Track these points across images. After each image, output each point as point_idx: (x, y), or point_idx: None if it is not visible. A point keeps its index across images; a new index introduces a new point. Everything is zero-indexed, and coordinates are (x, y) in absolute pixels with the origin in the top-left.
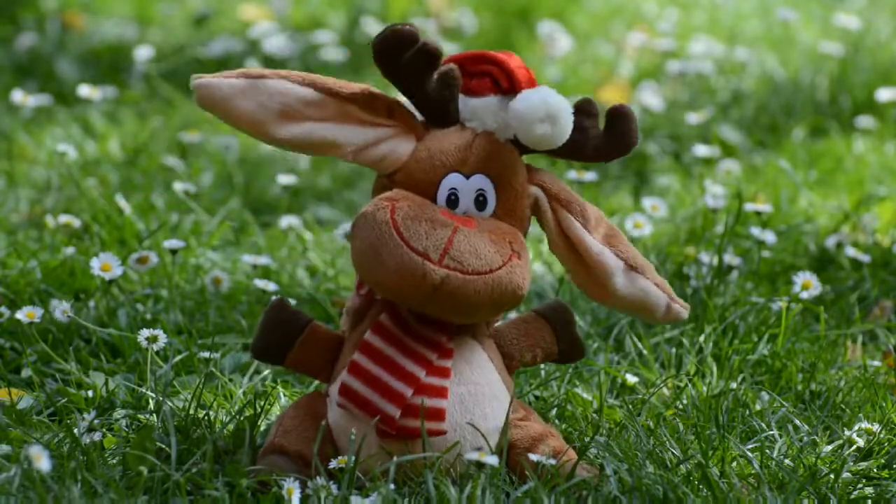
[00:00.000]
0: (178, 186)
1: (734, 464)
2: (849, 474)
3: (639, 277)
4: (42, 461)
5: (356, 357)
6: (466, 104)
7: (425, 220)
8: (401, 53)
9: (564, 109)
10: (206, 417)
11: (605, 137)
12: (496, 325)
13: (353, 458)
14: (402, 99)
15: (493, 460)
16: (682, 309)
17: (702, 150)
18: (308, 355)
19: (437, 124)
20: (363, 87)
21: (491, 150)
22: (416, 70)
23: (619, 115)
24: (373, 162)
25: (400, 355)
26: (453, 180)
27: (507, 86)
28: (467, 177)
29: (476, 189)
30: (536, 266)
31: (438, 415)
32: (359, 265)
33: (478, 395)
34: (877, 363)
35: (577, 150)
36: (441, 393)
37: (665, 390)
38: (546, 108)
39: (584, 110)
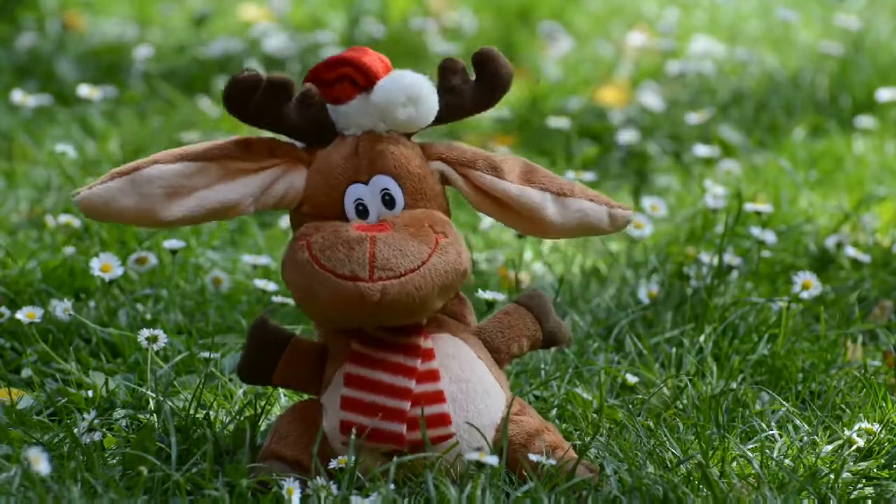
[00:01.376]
0: None
1: (734, 464)
2: (849, 474)
3: (570, 200)
4: (41, 464)
5: (345, 392)
6: (337, 113)
7: (340, 244)
8: (250, 98)
9: (423, 86)
10: (206, 417)
11: (478, 86)
12: (479, 323)
13: (353, 458)
14: (279, 136)
15: (493, 460)
16: (626, 211)
17: (702, 150)
18: (294, 370)
19: (319, 144)
20: (234, 139)
21: (378, 149)
22: (273, 106)
23: (483, 59)
24: (275, 203)
25: (385, 374)
26: (355, 191)
27: (366, 83)
28: (366, 182)
29: (380, 190)
30: (536, 266)
31: (443, 420)
32: (301, 307)
33: (469, 393)
34: (877, 363)
35: (456, 110)
36: (438, 398)
37: (665, 390)
38: (405, 91)
39: (447, 70)
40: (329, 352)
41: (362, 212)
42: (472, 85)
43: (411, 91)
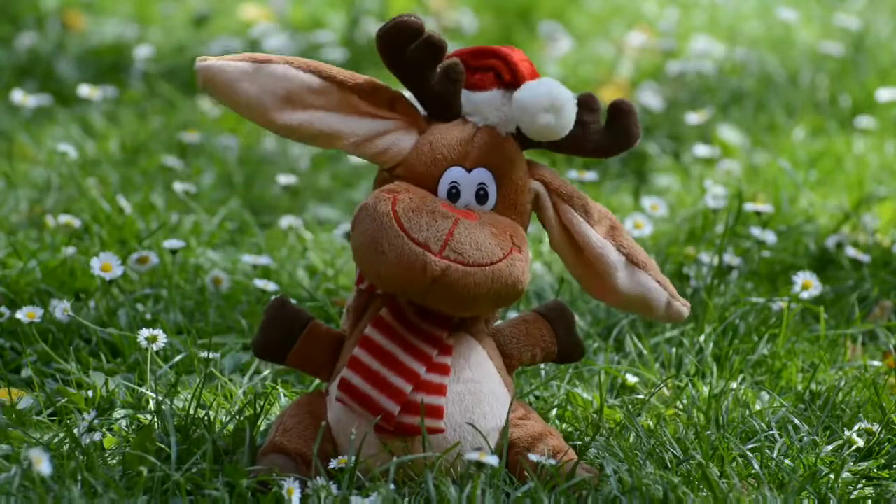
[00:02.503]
0: (178, 186)
1: (734, 464)
2: (849, 474)
3: (640, 273)
4: (42, 464)
5: (356, 352)
6: (469, 98)
7: (426, 212)
8: (405, 45)
9: (568, 100)
10: (206, 417)
11: (605, 133)
12: (496, 324)
13: (353, 458)
14: (406, 93)
15: (493, 460)
16: (683, 307)
17: (702, 150)
18: (309, 353)
19: (440, 118)
20: (367, 78)
21: (492, 145)
22: (420, 63)
23: (620, 111)
24: (374, 154)
25: (400, 351)
26: (455, 174)
27: (510, 79)
28: (469, 170)
29: (477, 183)
30: (536, 265)
31: (437, 412)
32: (359, 256)
33: (477, 394)
34: (877, 363)
35: (577, 145)
36: (440, 390)
37: (665, 390)
38: (550, 99)
39: (585, 105)
40: (346, 342)
41: (454, 195)
42: (600, 129)
43: (557, 100)
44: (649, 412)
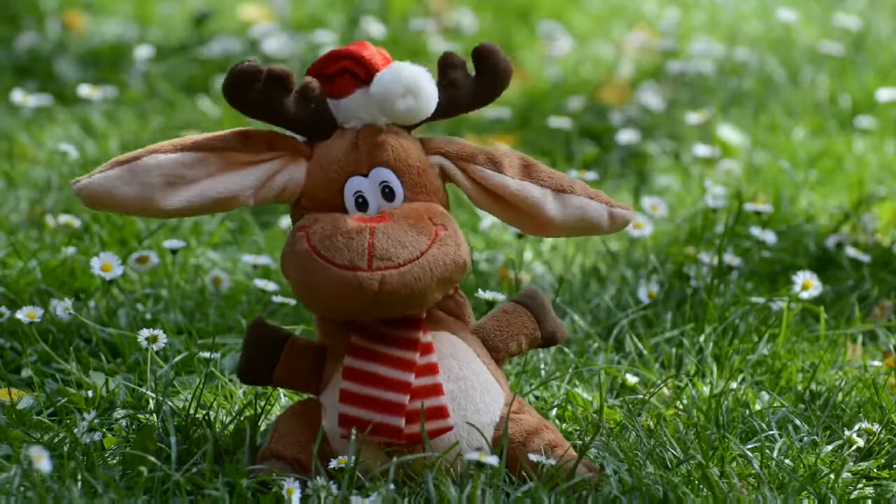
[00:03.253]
0: None
1: (734, 464)
2: (849, 474)
3: (570, 196)
4: (42, 462)
5: (344, 385)
6: (338, 107)
7: (339, 234)
8: (250, 89)
9: (422, 78)
10: (206, 417)
11: (478, 81)
12: (478, 321)
13: (353, 458)
14: (277, 128)
15: (492, 460)
16: (626, 210)
17: (702, 150)
18: (293, 370)
19: (318, 138)
20: (235, 131)
21: (377, 141)
22: (273, 98)
23: (483, 54)
24: (275, 197)
25: (383, 367)
26: (355, 184)
27: (366, 75)
28: (366, 175)
29: (379, 182)
30: (536, 266)
31: (441, 413)
32: (301, 300)
33: (468, 391)
34: (877, 363)
35: (455, 104)
36: (436, 391)
37: (665, 390)
38: (403, 83)
39: (446, 65)
40: (328, 351)
41: (362, 204)
42: (471, 80)
43: (410, 82)
44: (649, 412)
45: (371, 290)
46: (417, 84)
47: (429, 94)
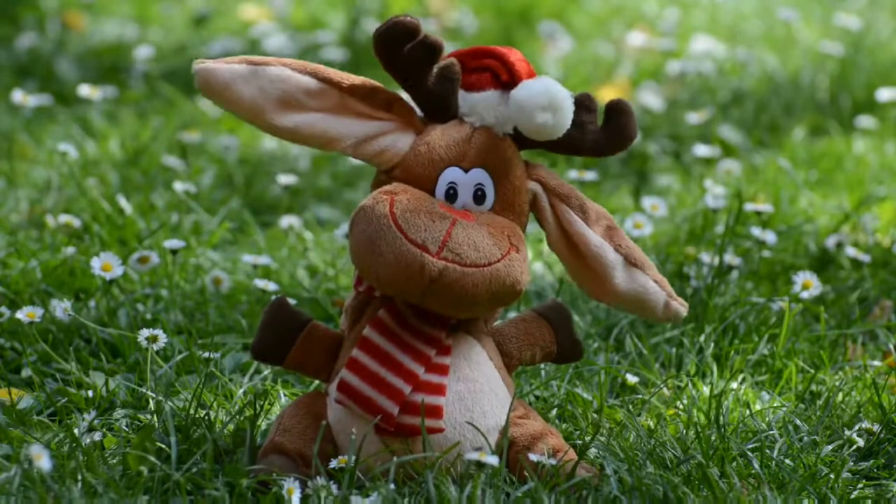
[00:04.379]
0: (178, 186)
1: (734, 464)
2: (849, 474)
3: (638, 273)
4: (42, 460)
5: (355, 353)
6: (465, 99)
7: (424, 213)
8: (402, 45)
9: (566, 99)
10: (206, 417)
11: (603, 132)
12: (495, 323)
13: (353, 457)
14: (403, 94)
15: (493, 460)
16: (681, 307)
17: (702, 150)
18: (308, 355)
19: (437, 119)
20: (363, 79)
21: (489, 145)
22: (417, 63)
23: (617, 110)
24: (372, 156)
25: (399, 351)
26: (452, 174)
27: (508, 79)
28: (466, 171)
29: (475, 183)
30: (536, 266)
31: (436, 412)
32: (357, 258)
33: (477, 393)
34: (877, 363)
35: (574, 144)
36: (439, 390)
37: (665, 390)
38: (548, 97)
39: (582, 104)
40: (346, 341)
41: (451, 196)
42: (597, 129)
43: (555, 99)
44: (649, 412)
45: (430, 276)
46: (561, 102)
47: (567, 116)
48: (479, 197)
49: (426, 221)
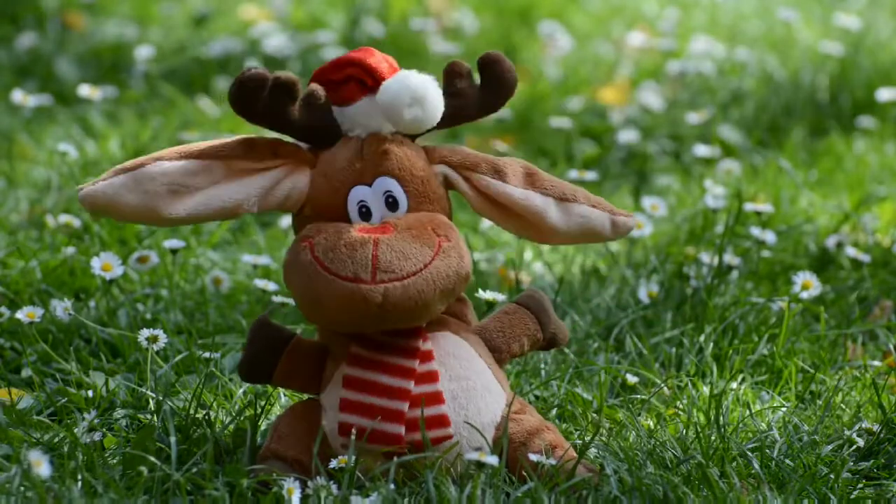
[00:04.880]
0: None
1: (734, 464)
2: (849, 474)
3: (573, 205)
4: (42, 467)
5: (344, 394)
6: (343, 114)
7: (343, 246)
8: (257, 97)
9: (429, 87)
10: (206, 417)
11: (483, 91)
12: (480, 322)
13: (353, 457)
14: (284, 136)
15: (492, 460)
16: (628, 218)
17: (702, 150)
18: (294, 369)
19: (323, 145)
20: (240, 138)
21: (382, 151)
22: (279, 106)
23: (488, 63)
24: (278, 205)
25: (383, 376)
26: (358, 193)
27: (373, 84)
28: (370, 184)
29: (383, 192)
30: (537, 266)
31: (442, 421)
32: (304, 310)
33: (470, 391)
34: (877, 363)
35: (462, 113)
36: (437, 399)
37: (665, 390)
38: (410, 92)
39: (452, 74)
40: (330, 351)
41: (365, 214)
42: (477, 88)
43: (417, 91)
44: (649, 412)
45: (375, 303)
46: (424, 93)
47: (435, 103)
48: (391, 204)
49: (349, 253)
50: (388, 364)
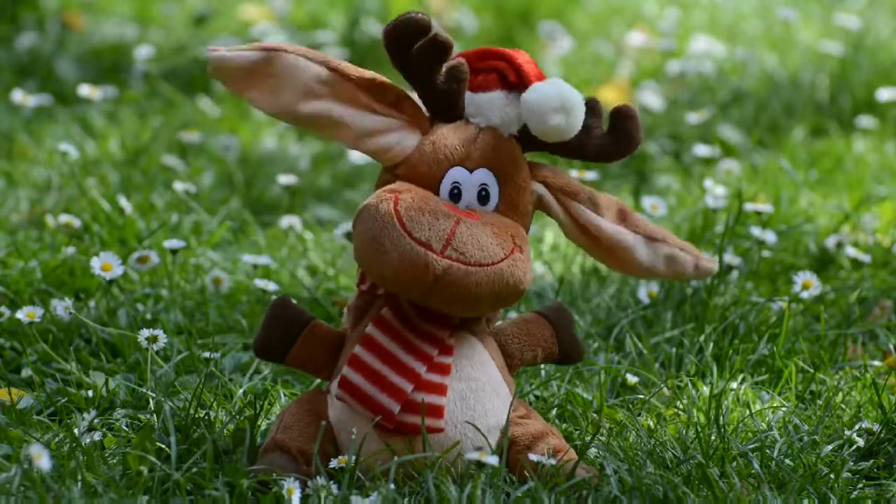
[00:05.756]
0: (179, 186)
1: (734, 464)
2: (849, 474)
3: (660, 246)
4: (42, 460)
5: (357, 350)
6: (472, 100)
7: (428, 211)
8: (412, 42)
9: (578, 101)
10: (206, 417)
11: (608, 138)
12: (497, 324)
13: (354, 457)
14: (411, 93)
15: (493, 460)
16: (711, 263)
17: (702, 150)
18: (310, 353)
19: (443, 118)
20: (374, 74)
21: (494, 146)
22: (426, 61)
23: (623, 116)
24: (376, 151)
25: (401, 350)
26: (457, 174)
27: (515, 80)
28: (471, 171)
29: (479, 183)
30: (537, 266)
31: (437, 412)
32: (361, 256)
33: (478, 392)
34: (877, 363)
35: (579, 149)
36: (440, 390)
37: (665, 390)
38: (560, 99)
39: (589, 109)
40: (348, 340)
41: (455, 196)
42: (602, 134)
43: (567, 101)
44: (649, 412)
45: (434, 274)
46: (573, 105)
47: (579, 118)
48: (483, 197)
49: (430, 220)
50: (410, 343)
